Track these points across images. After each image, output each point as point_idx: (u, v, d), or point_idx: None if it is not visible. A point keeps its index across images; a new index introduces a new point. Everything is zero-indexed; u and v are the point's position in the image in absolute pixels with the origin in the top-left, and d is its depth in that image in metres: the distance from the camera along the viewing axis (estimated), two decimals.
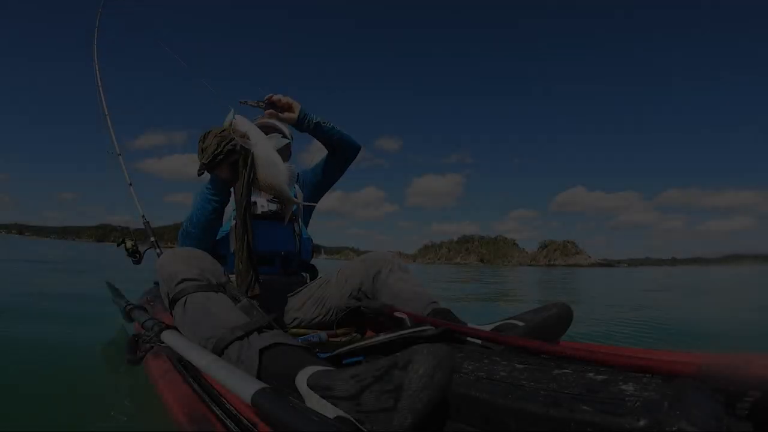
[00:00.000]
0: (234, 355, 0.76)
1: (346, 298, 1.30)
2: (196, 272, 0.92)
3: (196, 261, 0.96)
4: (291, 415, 0.52)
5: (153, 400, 0.78)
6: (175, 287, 0.90)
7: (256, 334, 0.78)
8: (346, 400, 0.54)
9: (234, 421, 0.58)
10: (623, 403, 0.53)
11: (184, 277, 0.91)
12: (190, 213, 1.23)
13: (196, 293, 0.88)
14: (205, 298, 0.88)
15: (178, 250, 1.00)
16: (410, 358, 0.51)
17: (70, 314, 2.29)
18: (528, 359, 0.77)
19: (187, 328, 0.87)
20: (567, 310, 0.97)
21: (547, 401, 0.57)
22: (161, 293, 0.97)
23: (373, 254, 1.32)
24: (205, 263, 0.98)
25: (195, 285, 0.90)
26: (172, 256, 0.97)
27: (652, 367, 0.62)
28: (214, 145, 1.10)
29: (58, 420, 0.97)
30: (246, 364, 0.74)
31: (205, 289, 0.90)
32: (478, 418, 0.63)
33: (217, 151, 1.09)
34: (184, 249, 1.01)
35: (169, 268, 0.94)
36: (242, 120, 1.14)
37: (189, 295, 0.88)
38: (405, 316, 1.10)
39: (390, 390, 0.50)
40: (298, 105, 1.31)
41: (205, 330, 0.82)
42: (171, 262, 0.95)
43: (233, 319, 0.83)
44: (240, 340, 0.77)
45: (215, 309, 0.85)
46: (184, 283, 0.90)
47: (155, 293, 1.69)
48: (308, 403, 0.60)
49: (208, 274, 0.94)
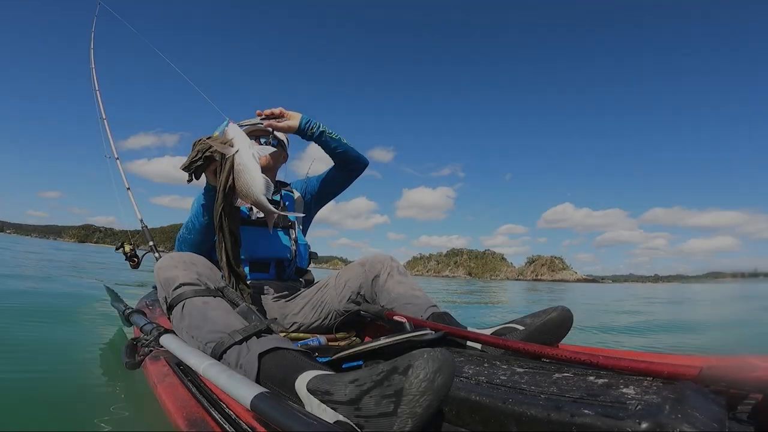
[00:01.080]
0: (233, 359, 0.76)
1: (344, 301, 1.30)
2: (194, 277, 0.93)
3: (194, 266, 0.96)
4: (290, 419, 0.52)
5: (152, 404, 0.77)
6: (173, 292, 0.90)
7: (254, 338, 0.78)
8: (345, 405, 0.54)
9: (233, 426, 0.57)
10: (624, 406, 0.53)
11: (182, 282, 0.91)
12: (187, 219, 1.25)
13: (195, 298, 0.88)
14: (203, 303, 0.88)
15: (175, 255, 1.00)
16: (410, 363, 0.50)
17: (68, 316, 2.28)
18: (528, 363, 0.77)
19: (186, 333, 0.87)
20: (567, 314, 0.96)
21: (547, 405, 0.56)
22: (159, 297, 0.97)
23: (372, 257, 1.31)
24: (203, 268, 0.98)
25: (193, 290, 0.90)
26: (169, 260, 0.97)
27: (653, 371, 0.62)
28: (194, 151, 1.13)
29: (57, 424, 0.96)
30: (245, 368, 0.73)
31: (203, 294, 0.90)
32: (478, 422, 0.63)
33: (196, 158, 1.12)
34: (182, 253, 1.01)
35: (167, 272, 0.94)
36: (234, 128, 1.17)
37: (187, 300, 0.88)
38: (404, 320, 1.10)
39: (390, 395, 0.50)
40: (298, 115, 1.32)
41: (204, 334, 0.82)
42: (169, 267, 0.95)
43: (232, 323, 0.83)
44: (239, 344, 0.77)
45: (213, 313, 0.85)
46: (182, 287, 0.90)
47: (154, 297, 1.69)
48: (308, 407, 0.60)
49: (205, 279, 0.95)
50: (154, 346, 0.92)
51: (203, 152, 1.12)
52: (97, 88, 2.26)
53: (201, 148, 1.13)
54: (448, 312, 1.12)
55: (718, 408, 0.54)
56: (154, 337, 0.94)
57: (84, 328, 2.06)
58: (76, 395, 1.14)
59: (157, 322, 1.08)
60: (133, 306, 1.45)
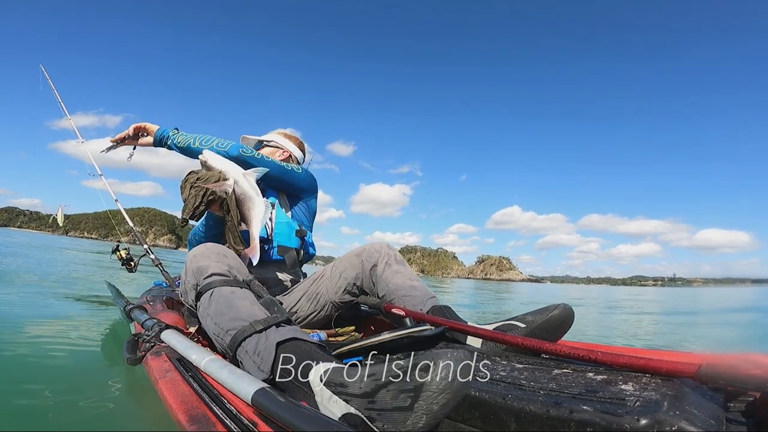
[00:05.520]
0: (252, 347, 0.78)
1: (341, 292, 1.29)
2: (224, 268, 0.97)
3: (225, 258, 1.01)
4: (291, 414, 0.52)
5: (153, 399, 0.78)
6: (204, 280, 0.94)
7: (274, 328, 0.81)
8: (359, 398, 0.55)
9: (234, 421, 0.58)
10: (623, 403, 0.53)
11: (213, 272, 0.95)
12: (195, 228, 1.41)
13: (223, 287, 0.92)
14: (231, 292, 0.91)
15: (210, 245, 1.03)
16: (433, 361, 0.51)
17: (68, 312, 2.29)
18: (528, 359, 0.77)
19: (210, 319, 0.89)
20: (569, 312, 0.96)
21: (547, 401, 0.57)
22: (185, 285, 0.99)
23: (369, 247, 1.30)
24: (234, 261, 1.03)
25: (222, 280, 0.94)
26: (204, 250, 1.01)
27: (651, 367, 0.62)
28: (192, 199, 1.17)
29: (58, 420, 0.97)
30: (262, 356, 0.75)
31: (231, 284, 0.94)
32: (477, 418, 0.63)
33: (197, 204, 1.17)
34: (215, 245, 1.05)
35: (200, 261, 0.98)
36: (213, 157, 1.24)
37: (216, 288, 0.92)
38: (403, 312, 1.09)
39: (409, 390, 0.51)
40: (155, 128, 1.47)
41: (227, 321, 0.85)
42: (202, 256, 0.99)
43: (255, 313, 0.86)
44: (258, 333, 0.79)
45: (239, 302, 0.88)
46: (213, 276, 0.94)
47: (155, 293, 1.69)
48: (318, 398, 0.61)
49: (235, 272, 0.99)
50: (155, 342, 0.93)
51: (203, 197, 1.17)
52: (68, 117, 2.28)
53: (197, 192, 1.17)
54: (449, 306, 1.11)
55: (716, 405, 0.54)
56: (156, 333, 0.95)
57: (84, 323, 2.07)
58: (78, 391, 1.15)
59: (158, 317, 1.08)
60: (134, 302, 1.45)
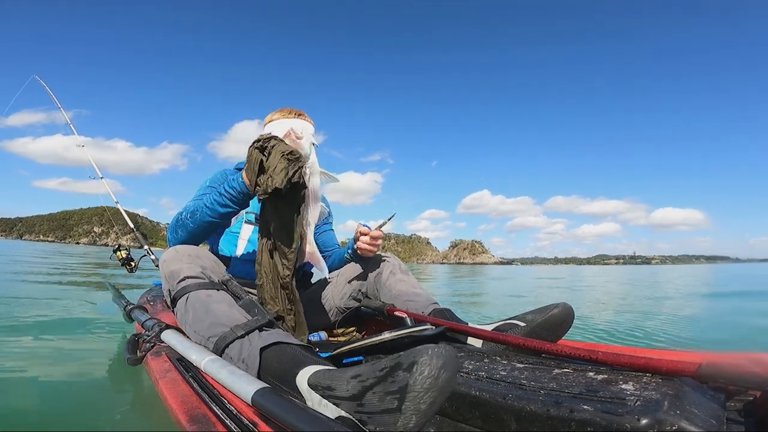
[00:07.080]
0: (235, 353, 0.76)
1: (345, 298, 1.33)
2: (198, 270, 0.93)
3: (198, 259, 0.96)
4: (291, 414, 0.52)
5: (153, 399, 0.78)
6: (177, 284, 0.91)
7: (257, 332, 0.78)
8: (347, 401, 0.54)
9: (234, 421, 0.57)
10: (623, 402, 0.53)
11: (186, 275, 0.91)
12: (192, 206, 1.12)
13: (198, 291, 0.89)
14: (207, 296, 0.88)
15: (180, 248, 0.99)
16: (414, 359, 0.50)
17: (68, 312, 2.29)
18: (528, 359, 0.77)
19: (189, 327, 0.87)
20: (569, 311, 0.96)
21: (547, 401, 0.57)
22: (163, 291, 0.97)
23: (375, 257, 1.34)
24: (208, 261, 0.98)
25: (197, 283, 0.90)
26: (174, 253, 0.97)
27: (652, 366, 0.62)
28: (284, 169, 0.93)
29: (58, 420, 0.97)
30: (247, 363, 0.74)
31: (207, 287, 0.90)
32: (478, 417, 0.63)
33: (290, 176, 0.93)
34: (187, 246, 1.01)
35: (171, 265, 0.94)
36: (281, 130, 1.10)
37: (191, 293, 0.88)
38: (405, 314, 1.11)
39: (394, 391, 0.50)
40: None
41: (207, 328, 0.82)
42: (173, 260, 0.95)
43: (234, 317, 0.83)
44: (241, 338, 0.77)
45: (216, 306, 0.85)
46: (187, 280, 0.90)
47: (155, 293, 1.69)
48: (309, 402, 0.60)
49: (210, 272, 0.95)
50: (155, 342, 0.93)
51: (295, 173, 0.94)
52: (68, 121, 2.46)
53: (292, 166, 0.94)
54: (450, 308, 1.13)
55: (716, 404, 0.54)
56: (156, 333, 0.94)
57: (84, 324, 2.07)
58: (78, 391, 1.15)
59: (158, 318, 1.08)
60: (134, 302, 1.45)
